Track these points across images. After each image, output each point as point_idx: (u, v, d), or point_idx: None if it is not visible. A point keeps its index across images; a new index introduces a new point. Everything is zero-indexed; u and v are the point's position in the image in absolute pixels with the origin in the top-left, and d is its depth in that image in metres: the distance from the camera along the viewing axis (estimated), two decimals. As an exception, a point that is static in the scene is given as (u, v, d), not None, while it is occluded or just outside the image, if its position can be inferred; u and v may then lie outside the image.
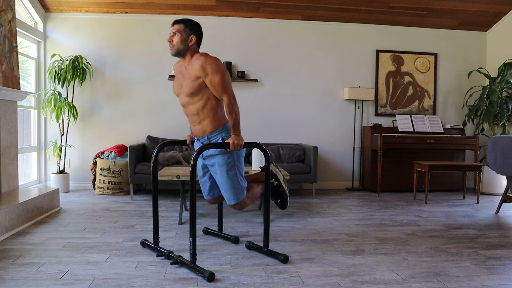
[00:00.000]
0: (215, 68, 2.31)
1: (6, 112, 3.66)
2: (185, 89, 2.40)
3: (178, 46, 2.37)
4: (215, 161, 2.46)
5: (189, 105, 2.44)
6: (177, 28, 2.38)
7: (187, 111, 2.48)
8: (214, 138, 2.46)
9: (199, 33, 2.42)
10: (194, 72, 2.34)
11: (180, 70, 2.48)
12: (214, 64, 2.31)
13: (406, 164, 5.24)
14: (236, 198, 2.49)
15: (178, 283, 2.14)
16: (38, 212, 3.51)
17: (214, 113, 2.43)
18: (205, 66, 2.30)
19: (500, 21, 5.50)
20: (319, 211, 4.01)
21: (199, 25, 2.44)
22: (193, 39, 2.38)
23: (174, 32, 2.38)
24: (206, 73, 2.31)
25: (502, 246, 2.89)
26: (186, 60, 2.42)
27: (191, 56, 2.41)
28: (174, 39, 2.37)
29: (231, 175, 2.46)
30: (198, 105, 2.40)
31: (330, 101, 5.47)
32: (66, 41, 5.05)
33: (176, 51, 2.39)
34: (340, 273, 2.32)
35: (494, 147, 3.63)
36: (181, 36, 2.37)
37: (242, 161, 2.55)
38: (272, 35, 5.33)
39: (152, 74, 5.16)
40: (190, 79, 2.37)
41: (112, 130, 5.15)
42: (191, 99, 2.40)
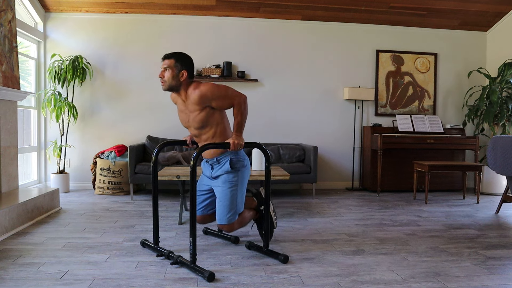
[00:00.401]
0: (214, 92, 2.33)
1: (6, 112, 3.66)
2: (193, 123, 2.42)
3: (170, 82, 2.37)
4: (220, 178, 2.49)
5: (201, 135, 2.47)
6: (167, 63, 2.36)
7: (199, 140, 2.51)
8: (223, 160, 2.48)
9: (190, 67, 2.40)
10: (197, 106, 2.35)
11: (180, 101, 2.48)
12: (210, 89, 2.32)
13: (406, 164, 5.24)
14: (228, 219, 2.48)
15: (178, 283, 2.14)
16: (38, 212, 3.51)
17: (224, 137, 2.46)
18: (205, 96, 2.32)
19: (500, 21, 5.50)
20: (319, 211, 4.01)
21: (190, 59, 2.42)
22: (184, 75, 2.37)
23: (165, 67, 2.36)
24: (209, 100, 2.34)
25: (502, 246, 2.89)
26: (182, 95, 2.43)
27: (186, 90, 2.40)
28: (165, 75, 2.37)
29: (231, 194, 2.47)
30: (209, 133, 2.44)
31: (330, 101, 5.47)
32: (66, 41, 5.05)
33: (168, 87, 2.39)
34: (340, 273, 2.32)
35: (494, 147, 3.63)
36: (172, 71, 2.35)
37: (245, 183, 2.55)
38: (272, 35, 5.33)
39: (152, 74, 5.16)
40: (195, 113, 2.38)
41: (112, 130, 5.15)
42: (202, 130, 2.44)
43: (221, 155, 2.48)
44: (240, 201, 2.52)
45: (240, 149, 2.39)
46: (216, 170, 2.50)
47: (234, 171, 2.47)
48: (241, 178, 2.51)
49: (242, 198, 2.54)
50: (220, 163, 2.49)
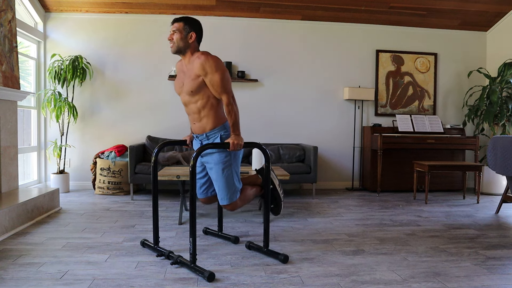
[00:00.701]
0: (214, 67, 2.32)
1: (6, 112, 3.66)
2: (186, 87, 2.41)
3: (178, 43, 2.39)
4: (211, 158, 2.46)
5: (190, 103, 2.45)
6: (176, 26, 2.39)
7: (188, 109, 2.49)
8: (213, 136, 2.46)
9: (199, 30, 2.43)
10: (195, 71, 2.35)
11: (181, 69, 2.49)
12: (214, 63, 2.32)
13: (406, 164, 5.24)
14: (229, 198, 2.48)
15: (178, 283, 2.14)
16: (38, 212, 3.51)
17: (214, 111, 2.43)
18: (205, 65, 2.31)
19: (500, 21, 5.50)
20: (319, 211, 4.01)
21: (199, 23, 2.45)
22: (193, 36, 2.40)
23: (174, 30, 2.39)
24: (206, 72, 2.32)
25: (502, 246, 2.89)
26: (187, 58, 2.43)
27: (192, 54, 2.42)
28: (174, 37, 2.39)
29: (227, 174, 2.45)
30: (199, 103, 2.42)
31: (330, 101, 5.47)
32: (66, 41, 5.05)
33: (176, 49, 2.40)
34: (340, 273, 2.32)
35: (494, 147, 3.63)
36: (180, 33, 2.38)
37: (239, 161, 2.54)
38: (272, 35, 5.33)
39: (152, 74, 5.17)
40: (190, 77, 2.38)
41: (112, 130, 5.15)
42: (192, 97, 2.42)
43: (211, 131, 2.45)
44: (236, 179, 2.51)
45: (239, 149, 2.39)
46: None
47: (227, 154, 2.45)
48: (234, 156, 2.48)
49: (238, 176, 2.53)
50: (209, 139, 2.47)
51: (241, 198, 2.56)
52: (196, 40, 2.42)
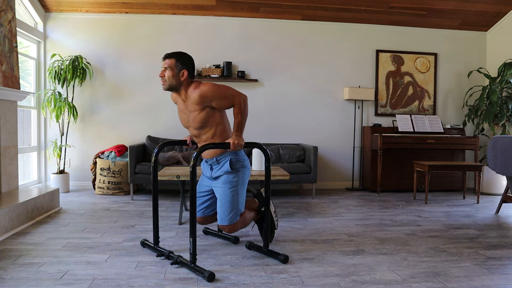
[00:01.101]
0: (214, 92, 2.33)
1: (6, 112, 3.66)
2: (193, 124, 2.43)
3: (170, 81, 2.37)
4: (220, 179, 2.48)
5: (201, 135, 2.48)
6: (168, 63, 2.37)
7: (199, 140, 2.51)
8: (223, 160, 2.48)
9: (190, 67, 2.41)
10: (197, 106, 2.35)
11: (180, 102, 2.49)
12: (210, 89, 2.32)
13: (406, 164, 5.24)
14: (230, 220, 2.47)
15: (178, 283, 2.14)
16: (38, 212, 3.51)
17: (224, 138, 2.46)
18: (205, 96, 2.32)
19: (500, 21, 5.50)
20: (319, 211, 4.01)
21: (190, 58, 2.43)
22: (184, 74, 2.37)
23: (166, 67, 2.37)
24: (209, 100, 2.34)
25: (502, 246, 2.89)
26: (182, 95, 2.43)
27: (186, 90, 2.41)
28: (166, 74, 2.37)
29: (232, 194, 2.46)
30: (209, 134, 2.44)
31: (330, 101, 5.46)
32: (66, 41, 5.05)
33: (168, 87, 2.39)
34: (340, 273, 2.32)
35: (494, 147, 3.63)
36: (172, 71, 2.36)
37: (245, 185, 2.54)
38: (272, 35, 5.33)
39: (152, 74, 5.16)
40: (195, 113, 2.38)
41: (112, 130, 5.15)
42: (202, 130, 2.44)
43: (221, 155, 2.47)
44: (241, 202, 2.52)
45: (240, 149, 2.39)
46: (216, 171, 2.50)
47: (234, 171, 2.47)
48: (241, 178, 2.50)
49: (243, 199, 2.54)
50: (219, 163, 2.49)
51: (240, 221, 2.55)
52: (188, 76, 2.39)
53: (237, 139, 2.35)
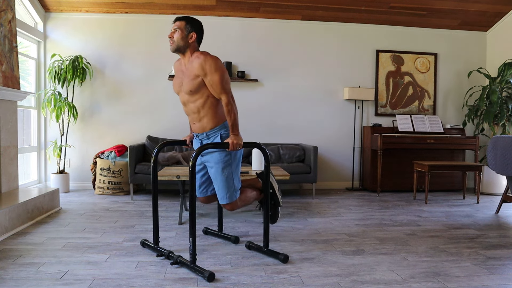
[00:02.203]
0: (214, 67, 2.31)
1: (6, 112, 3.66)
2: (185, 87, 2.40)
3: (178, 42, 2.38)
4: (211, 157, 2.46)
5: (189, 103, 2.44)
6: (178, 24, 2.39)
7: (187, 109, 2.48)
8: (213, 135, 2.46)
9: (199, 31, 2.43)
10: (194, 71, 2.35)
11: (180, 68, 2.49)
12: (214, 63, 2.31)
13: (406, 164, 5.24)
14: (229, 197, 2.48)
15: (178, 283, 2.14)
16: (38, 212, 3.51)
17: (213, 111, 2.43)
18: (205, 65, 2.31)
19: (500, 21, 5.50)
20: (319, 211, 4.01)
21: (200, 23, 2.45)
22: (193, 36, 2.40)
23: (175, 29, 2.39)
24: (205, 72, 2.32)
25: (502, 246, 2.89)
26: (186, 58, 2.43)
27: (191, 53, 2.42)
28: (175, 36, 2.38)
29: (226, 173, 2.45)
30: (198, 103, 2.41)
31: (330, 101, 5.46)
32: (66, 41, 5.05)
33: (176, 47, 2.39)
34: (340, 273, 2.32)
35: (494, 147, 3.63)
36: (181, 32, 2.38)
37: (239, 161, 2.53)
38: (272, 35, 5.33)
39: (152, 74, 5.16)
40: (189, 77, 2.37)
41: (112, 130, 5.15)
42: (191, 97, 2.41)
43: (211, 130, 2.45)
44: (236, 179, 2.51)
45: (239, 149, 2.39)
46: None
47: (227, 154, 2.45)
48: (234, 155, 2.48)
49: (237, 176, 2.53)
50: (210, 139, 2.47)
51: (241, 198, 2.56)
52: (196, 40, 2.42)
53: (236, 139, 2.35)
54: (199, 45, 2.46)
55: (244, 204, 2.60)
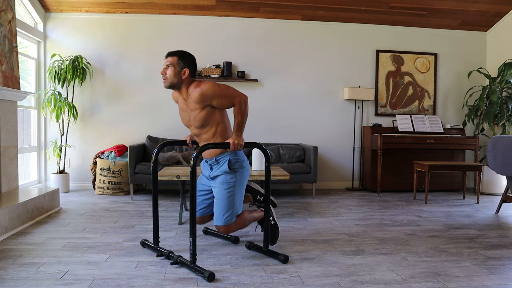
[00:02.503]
0: (215, 91, 2.34)
1: (6, 112, 3.66)
2: (194, 122, 2.44)
3: (172, 79, 2.39)
4: (218, 178, 2.49)
5: (201, 134, 2.49)
6: (170, 60, 2.39)
7: (200, 139, 2.52)
8: (222, 160, 2.48)
9: (192, 66, 2.42)
10: (198, 104, 2.37)
11: (181, 101, 2.51)
12: (211, 88, 2.33)
13: (406, 164, 5.24)
14: (225, 220, 2.47)
15: (178, 283, 2.14)
16: (38, 212, 3.51)
17: (224, 137, 2.47)
18: (205, 94, 2.33)
19: (500, 21, 5.50)
20: (319, 211, 4.01)
21: (192, 57, 2.45)
22: (186, 72, 2.39)
23: (167, 65, 2.39)
24: (210, 98, 2.35)
25: (502, 246, 2.89)
26: (183, 93, 2.45)
27: (187, 88, 2.42)
28: (167, 72, 2.39)
29: (228, 195, 2.46)
30: (210, 133, 2.45)
31: (330, 101, 5.46)
32: (66, 41, 5.05)
33: (169, 84, 2.41)
34: (340, 273, 2.32)
35: (494, 147, 3.63)
36: (174, 69, 2.38)
37: (243, 186, 2.54)
38: (272, 35, 5.33)
39: (152, 74, 5.16)
40: (196, 111, 2.40)
41: (112, 130, 5.15)
42: (202, 129, 2.46)
43: (220, 155, 2.48)
44: (238, 203, 2.51)
45: (240, 149, 2.39)
46: (215, 170, 2.50)
47: (232, 172, 2.47)
48: (240, 179, 2.50)
49: (240, 200, 2.53)
50: (219, 163, 2.49)
51: (237, 222, 2.54)
52: (189, 75, 2.41)
53: (237, 139, 2.35)
54: (194, 77, 2.45)
55: (239, 228, 2.57)
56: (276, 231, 2.74)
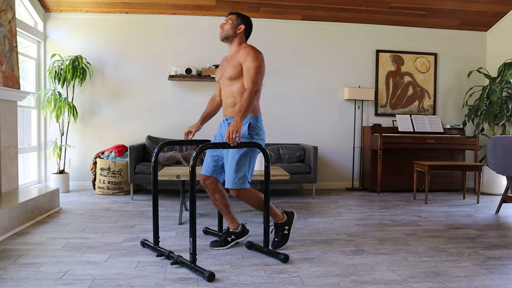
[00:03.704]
0: (254, 57, 2.49)
1: (6, 112, 3.66)
2: (226, 72, 2.59)
3: (227, 31, 2.61)
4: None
5: (226, 87, 2.61)
6: (230, 17, 2.64)
7: (224, 94, 2.66)
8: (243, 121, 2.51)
9: (248, 25, 2.65)
10: (238, 59, 2.54)
11: (225, 59, 2.70)
12: (255, 54, 2.51)
13: (406, 164, 5.24)
14: (235, 184, 2.51)
15: (178, 283, 2.14)
16: (38, 212, 3.51)
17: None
18: (247, 54, 2.50)
19: (500, 21, 5.50)
20: (319, 211, 4.01)
21: (250, 20, 2.68)
22: (241, 28, 2.62)
23: (227, 20, 2.63)
24: (245, 59, 2.51)
25: (502, 246, 2.89)
26: (233, 47, 2.64)
27: (238, 44, 2.63)
28: (225, 26, 2.62)
29: (240, 157, 2.51)
30: (234, 88, 2.57)
31: (330, 101, 5.46)
32: (66, 41, 5.05)
33: (224, 36, 2.62)
34: (340, 273, 2.32)
35: (494, 147, 3.63)
36: (232, 23, 2.61)
37: (255, 155, 2.59)
38: (272, 35, 5.33)
39: (152, 74, 5.16)
40: (232, 64, 2.56)
41: (112, 130, 5.15)
42: (229, 82, 2.59)
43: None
44: (248, 169, 2.56)
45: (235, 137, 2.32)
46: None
47: (249, 137, 2.53)
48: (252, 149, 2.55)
49: (252, 168, 2.59)
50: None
51: (247, 193, 2.58)
52: (244, 32, 2.64)
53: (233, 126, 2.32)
54: (247, 39, 2.68)
55: (248, 200, 2.60)
56: (284, 240, 2.74)
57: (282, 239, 2.74)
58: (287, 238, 2.75)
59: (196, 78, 5.02)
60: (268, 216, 2.60)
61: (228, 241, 2.74)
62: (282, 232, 2.74)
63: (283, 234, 2.74)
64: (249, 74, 2.48)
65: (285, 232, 2.73)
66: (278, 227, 2.75)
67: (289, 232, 2.75)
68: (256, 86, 2.47)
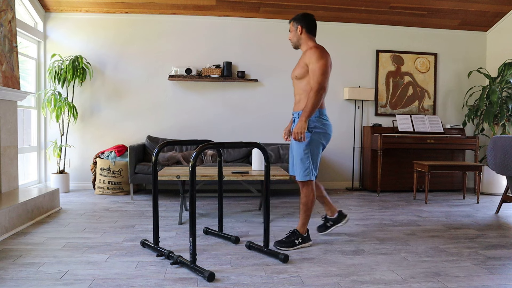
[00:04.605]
0: (318, 58, 2.61)
1: (6, 112, 3.66)
2: (294, 73, 2.78)
3: (293, 40, 2.79)
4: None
5: (295, 85, 2.82)
6: (289, 27, 2.81)
7: (295, 90, 2.83)
8: None
9: (305, 22, 2.73)
10: (305, 60, 2.69)
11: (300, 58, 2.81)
12: (320, 55, 2.62)
13: (406, 164, 5.24)
14: (302, 176, 2.68)
15: (178, 283, 2.14)
16: (38, 212, 3.51)
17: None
18: (312, 56, 2.63)
19: (500, 21, 5.50)
20: (319, 211, 4.01)
21: (307, 17, 2.74)
22: (299, 29, 2.74)
23: (289, 31, 2.81)
24: (310, 61, 2.63)
25: (502, 246, 2.89)
26: (303, 48, 2.77)
27: (306, 44, 2.75)
28: (290, 36, 2.81)
29: (303, 152, 2.66)
30: (300, 86, 2.75)
31: (330, 101, 5.46)
32: (66, 41, 5.05)
33: (294, 45, 2.82)
34: (340, 273, 2.32)
35: (494, 147, 3.63)
36: (292, 31, 2.78)
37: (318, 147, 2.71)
38: (272, 35, 5.33)
39: (152, 74, 5.17)
40: (300, 65, 2.73)
41: (112, 130, 5.15)
42: (297, 81, 2.77)
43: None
44: (311, 162, 2.69)
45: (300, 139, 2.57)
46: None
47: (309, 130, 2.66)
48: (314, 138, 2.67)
49: (315, 160, 2.71)
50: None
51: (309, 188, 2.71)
52: (305, 31, 2.73)
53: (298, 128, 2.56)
54: (313, 34, 2.77)
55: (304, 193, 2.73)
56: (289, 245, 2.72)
57: (288, 244, 2.73)
58: (292, 245, 2.73)
59: (196, 78, 5.02)
60: (268, 216, 2.60)
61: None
62: (294, 238, 2.75)
63: (293, 241, 2.74)
64: (314, 75, 2.61)
65: (295, 241, 2.74)
66: (295, 233, 2.77)
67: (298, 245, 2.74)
68: (320, 86, 2.60)
